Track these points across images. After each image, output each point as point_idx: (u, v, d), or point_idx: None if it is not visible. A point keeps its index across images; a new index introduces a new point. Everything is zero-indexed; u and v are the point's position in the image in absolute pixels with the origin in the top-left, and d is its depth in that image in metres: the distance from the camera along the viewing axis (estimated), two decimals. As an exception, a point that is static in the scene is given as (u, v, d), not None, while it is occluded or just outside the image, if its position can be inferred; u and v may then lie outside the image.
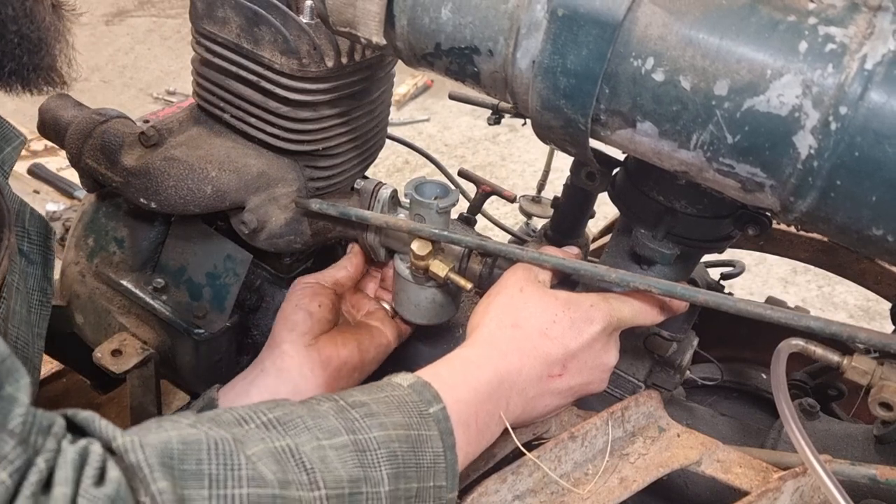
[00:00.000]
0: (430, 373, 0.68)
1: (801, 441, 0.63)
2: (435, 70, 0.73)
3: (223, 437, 0.52)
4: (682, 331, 0.87)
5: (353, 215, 0.87)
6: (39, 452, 0.45)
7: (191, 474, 0.49)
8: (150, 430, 0.51)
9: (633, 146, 0.66)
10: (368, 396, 0.63)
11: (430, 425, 0.62)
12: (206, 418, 0.55)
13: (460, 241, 0.81)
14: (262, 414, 0.57)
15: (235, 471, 0.51)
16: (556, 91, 0.64)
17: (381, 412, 0.61)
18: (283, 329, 0.88)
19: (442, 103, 3.69)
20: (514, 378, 0.70)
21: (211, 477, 0.49)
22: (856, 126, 0.53)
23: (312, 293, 0.91)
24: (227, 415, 0.57)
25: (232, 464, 0.51)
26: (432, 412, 0.63)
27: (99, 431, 0.49)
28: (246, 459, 0.52)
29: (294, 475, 0.53)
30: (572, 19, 0.61)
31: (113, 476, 0.46)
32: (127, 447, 0.48)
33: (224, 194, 0.90)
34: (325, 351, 0.86)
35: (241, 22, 0.86)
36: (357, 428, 0.59)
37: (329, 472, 0.55)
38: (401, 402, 0.63)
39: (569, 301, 0.74)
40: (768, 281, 2.66)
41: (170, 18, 4.50)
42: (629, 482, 0.72)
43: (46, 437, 0.46)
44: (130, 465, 0.47)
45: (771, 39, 0.56)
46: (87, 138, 0.94)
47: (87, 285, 1.04)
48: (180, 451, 0.49)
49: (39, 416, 0.46)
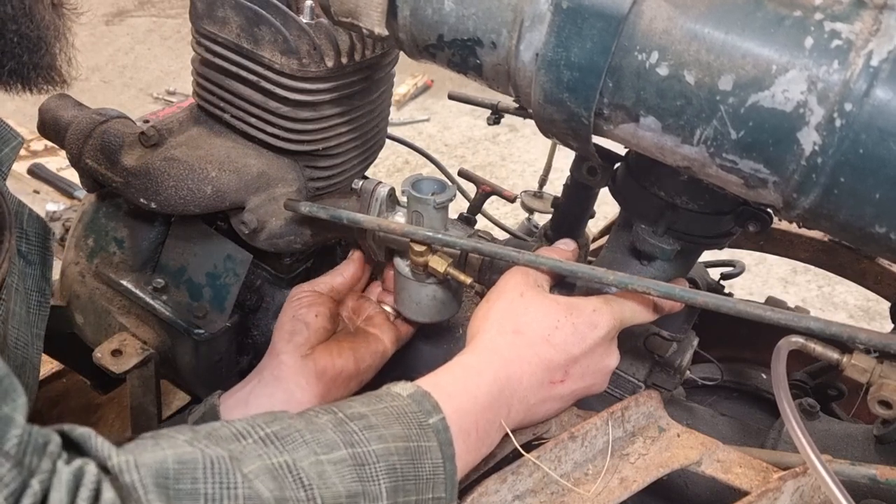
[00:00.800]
0: (430, 382, 0.67)
1: (801, 439, 0.62)
2: (437, 62, 0.73)
3: (219, 455, 0.52)
4: (682, 331, 0.87)
5: (344, 218, 0.86)
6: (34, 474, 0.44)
7: (186, 494, 0.49)
8: (146, 449, 0.50)
9: (635, 141, 0.66)
10: (367, 408, 0.62)
11: (430, 436, 0.62)
12: (203, 434, 0.55)
13: (454, 244, 0.80)
14: (259, 428, 0.57)
15: (231, 490, 0.50)
16: (560, 84, 0.64)
17: (381, 424, 0.61)
18: (281, 339, 0.88)
19: (442, 103, 3.69)
20: (516, 385, 0.70)
21: (207, 496, 0.49)
22: (860, 123, 0.53)
23: (309, 303, 0.91)
24: (224, 429, 0.56)
25: (228, 483, 0.50)
26: (432, 423, 0.62)
27: (94, 450, 0.49)
28: (242, 478, 0.51)
29: (291, 492, 0.53)
30: (577, 12, 0.61)
31: (108, 497, 0.46)
32: (122, 467, 0.48)
33: (224, 194, 0.89)
34: (320, 362, 0.86)
35: (241, 22, 0.85)
36: (356, 441, 0.59)
37: (327, 487, 0.55)
38: (400, 413, 0.62)
39: (570, 306, 0.74)
40: (768, 281, 2.66)
41: (170, 18, 4.50)
42: (629, 482, 0.72)
43: (42, 457, 0.45)
44: (125, 485, 0.47)
45: (776, 35, 0.56)
46: (87, 138, 0.93)
47: (87, 285, 1.03)
48: (176, 471, 0.49)
49: (35, 434, 0.46)
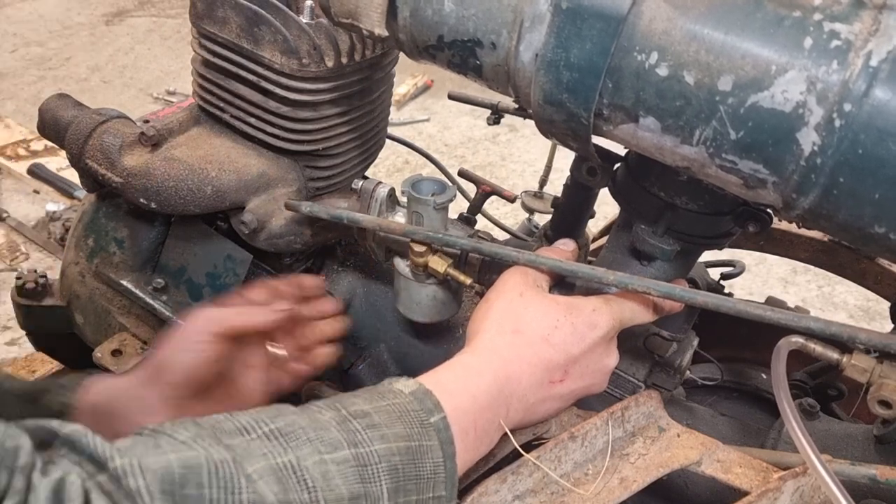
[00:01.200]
0: (431, 379, 0.67)
1: (801, 438, 0.62)
2: (437, 63, 0.73)
3: (223, 458, 0.52)
4: (682, 331, 0.87)
5: (344, 218, 0.86)
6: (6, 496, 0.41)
7: (192, 500, 0.48)
8: (148, 451, 0.50)
9: (635, 141, 0.66)
10: (370, 405, 0.62)
11: (431, 435, 0.62)
12: (207, 429, 0.54)
13: (455, 244, 0.80)
14: (263, 424, 0.57)
15: (236, 494, 0.50)
16: (559, 85, 0.64)
17: (383, 423, 0.61)
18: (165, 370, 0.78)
19: (442, 103, 3.69)
20: (515, 385, 0.70)
21: (212, 501, 0.49)
22: (860, 123, 0.53)
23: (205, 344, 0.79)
24: (228, 423, 0.56)
25: (233, 487, 0.50)
26: (433, 422, 0.62)
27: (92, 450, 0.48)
28: (247, 481, 0.51)
29: (295, 494, 0.53)
30: (576, 13, 0.61)
31: None
32: (126, 470, 0.47)
33: (224, 194, 0.89)
34: (186, 412, 0.77)
35: (241, 22, 0.85)
36: (359, 441, 0.59)
37: (330, 490, 0.55)
38: (402, 412, 0.62)
39: (570, 306, 0.74)
40: (768, 281, 2.66)
41: (170, 18, 4.50)
42: (629, 482, 0.71)
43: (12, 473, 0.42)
44: (129, 490, 0.46)
45: (776, 35, 0.56)
46: (87, 138, 0.94)
47: (87, 285, 1.04)
48: (181, 476, 0.49)
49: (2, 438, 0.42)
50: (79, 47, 4.14)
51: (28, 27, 4.28)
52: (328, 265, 1.07)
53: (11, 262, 2.47)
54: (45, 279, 1.11)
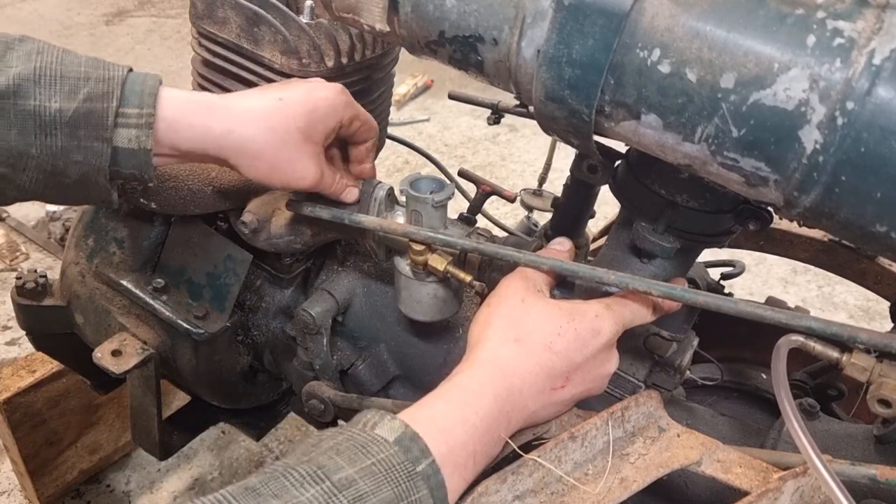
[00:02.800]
0: (424, 415, 0.65)
1: (801, 438, 0.62)
2: (438, 58, 0.73)
3: None
4: (682, 331, 0.87)
5: (345, 219, 0.86)
6: None
7: None
8: None
9: (636, 138, 0.65)
10: (354, 468, 0.59)
11: (420, 486, 0.60)
12: None
13: (454, 244, 0.80)
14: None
15: None
16: (561, 81, 0.64)
17: (370, 491, 0.58)
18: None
19: (442, 103, 3.69)
20: (516, 398, 0.69)
21: None
22: (862, 122, 0.53)
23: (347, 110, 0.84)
24: None
25: None
26: (420, 470, 0.60)
27: None
28: None
29: None
30: (578, 9, 0.61)
31: None
32: None
33: (224, 195, 0.89)
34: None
35: (241, 22, 0.85)
36: None
37: None
38: (388, 468, 0.59)
39: (573, 312, 0.73)
40: (768, 281, 2.66)
41: (170, 18, 4.50)
42: (629, 482, 0.71)
43: None
44: None
45: (779, 33, 0.55)
46: (87, 137, 0.93)
47: (87, 285, 1.03)
48: None
49: None
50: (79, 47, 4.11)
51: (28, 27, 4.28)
52: (328, 265, 1.07)
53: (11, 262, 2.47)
54: (45, 279, 1.10)
